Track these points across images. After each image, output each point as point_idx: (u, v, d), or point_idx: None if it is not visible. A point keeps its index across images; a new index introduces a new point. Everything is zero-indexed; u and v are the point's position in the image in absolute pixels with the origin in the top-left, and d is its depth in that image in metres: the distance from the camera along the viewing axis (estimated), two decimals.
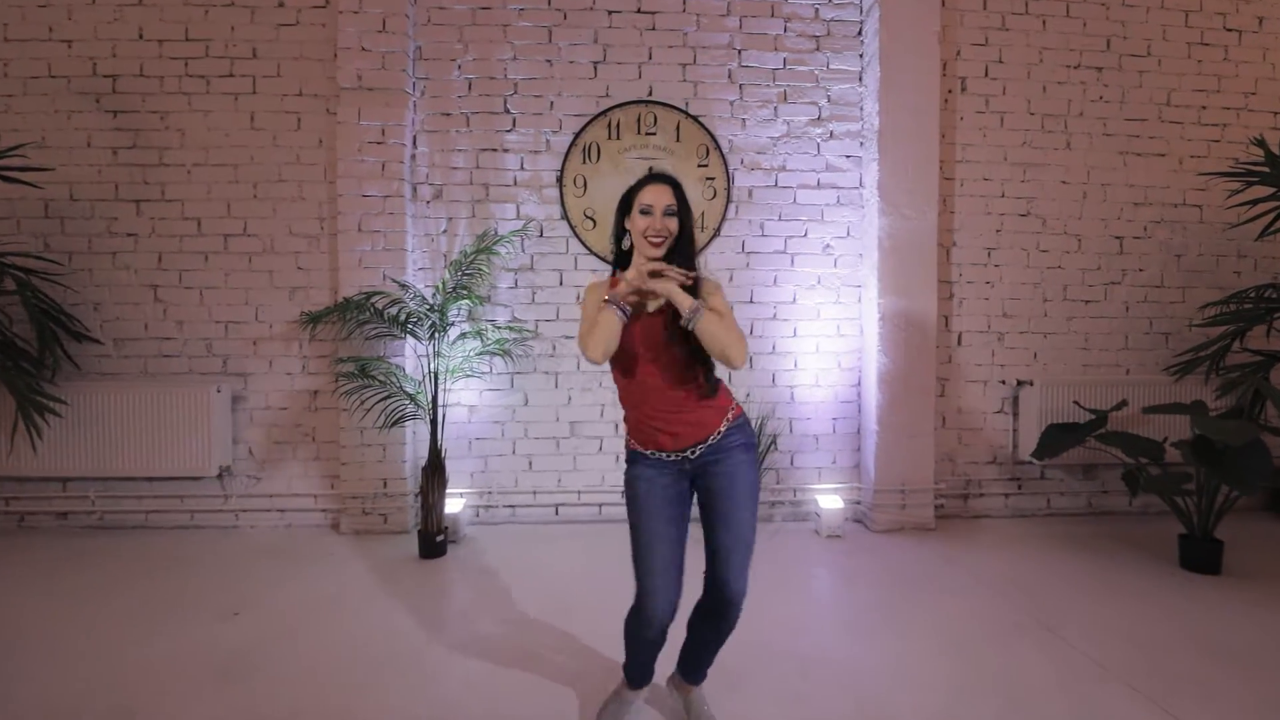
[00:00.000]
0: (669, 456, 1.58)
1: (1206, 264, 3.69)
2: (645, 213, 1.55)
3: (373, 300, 3.03)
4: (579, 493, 3.45)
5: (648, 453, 1.60)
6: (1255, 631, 2.27)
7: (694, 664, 1.72)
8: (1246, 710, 1.81)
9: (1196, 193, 3.66)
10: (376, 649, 2.15)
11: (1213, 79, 3.67)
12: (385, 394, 2.99)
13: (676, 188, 1.58)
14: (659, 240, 1.55)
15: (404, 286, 3.13)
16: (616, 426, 3.45)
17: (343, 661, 2.07)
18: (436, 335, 3.03)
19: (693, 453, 1.57)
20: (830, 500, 3.29)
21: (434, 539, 2.92)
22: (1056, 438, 3.08)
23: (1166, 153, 3.65)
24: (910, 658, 2.10)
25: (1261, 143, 2.97)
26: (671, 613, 1.54)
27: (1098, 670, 2.02)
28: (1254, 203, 3.07)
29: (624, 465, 1.66)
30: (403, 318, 3.00)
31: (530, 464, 3.44)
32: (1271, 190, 3.03)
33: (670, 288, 1.48)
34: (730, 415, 1.62)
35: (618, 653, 2.07)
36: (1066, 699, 1.86)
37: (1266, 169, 2.94)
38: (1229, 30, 3.68)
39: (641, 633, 1.58)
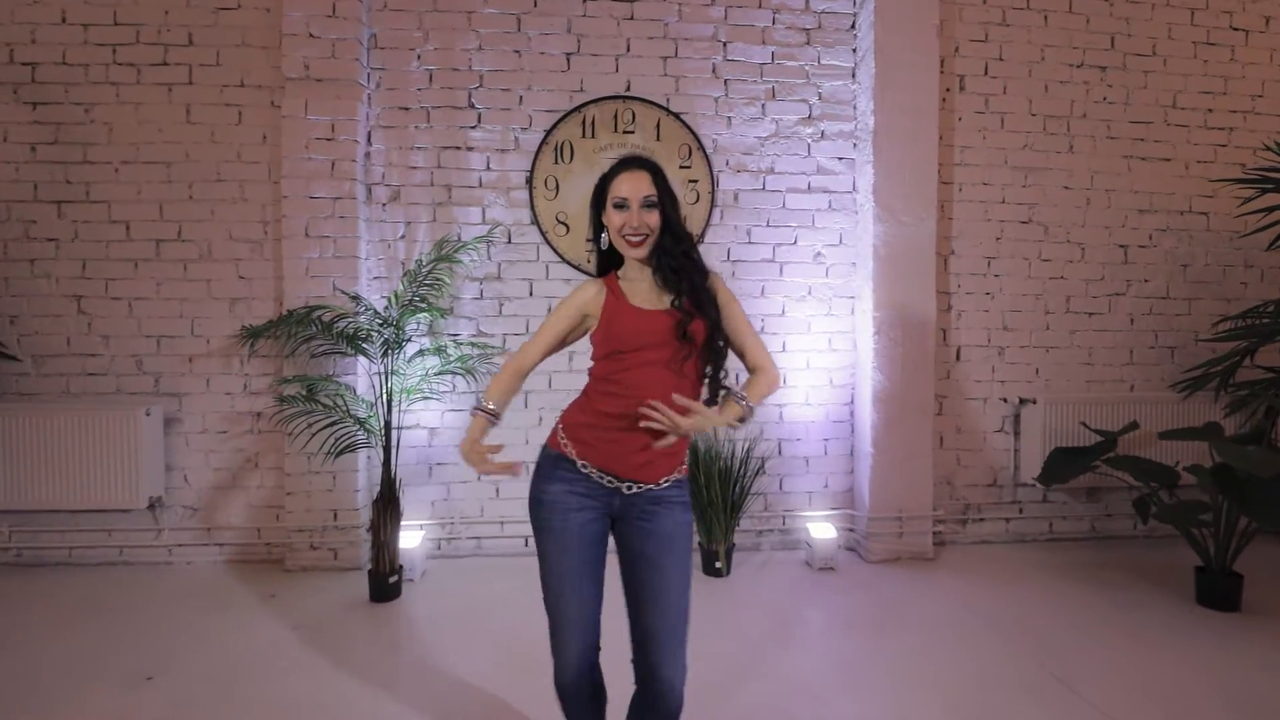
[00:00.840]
0: (607, 480, 1.31)
1: (1213, 274, 3.51)
2: (620, 207, 1.34)
3: (317, 314, 2.73)
4: None
5: (579, 464, 1.32)
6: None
7: None
8: None
9: (1203, 199, 3.48)
10: (311, 716, 1.86)
11: (1219, 80, 3.49)
12: (331, 420, 2.69)
13: (655, 173, 1.37)
14: (638, 239, 1.34)
15: (355, 298, 2.83)
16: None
17: None
18: (391, 352, 2.74)
19: (629, 488, 1.32)
20: (822, 529, 3.05)
21: (386, 580, 2.63)
22: (1063, 462, 2.87)
23: (1172, 157, 3.46)
24: (912, 717, 1.87)
25: (1277, 148, 2.79)
26: (589, 658, 1.34)
27: None
28: (1267, 210, 2.89)
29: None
30: (351, 333, 2.70)
31: (497, 491, 3.16)
32: None
33: (705, 423, 1.28)
34: (682, 465, 1.38)
35: None
36: None
37: None
38: (1235, 30, 3.51)
39: (559, 681, 1.35)
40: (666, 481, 1.35)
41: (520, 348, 1.46)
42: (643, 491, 1.33)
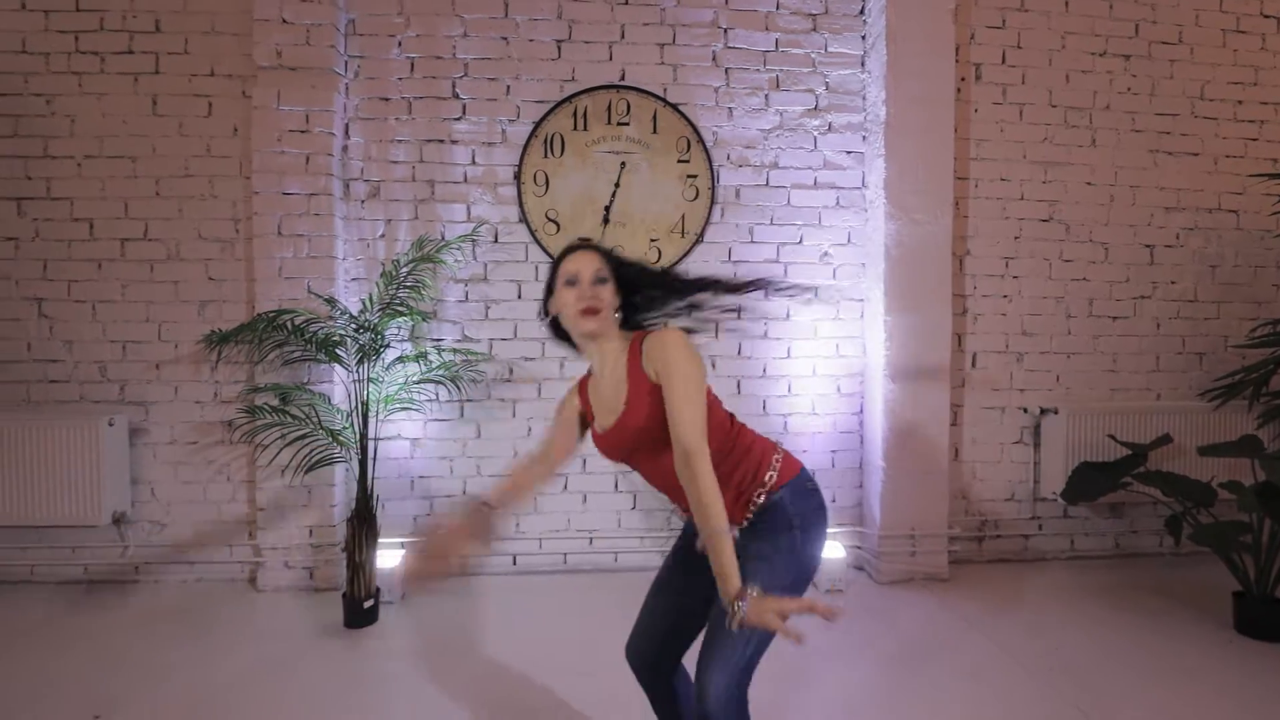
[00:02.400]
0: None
1: (1244, 276, 3.31)
2: (571, 283, 1.30)
3: (287, 319, 2.54)
4: (540, 539, 2.99)
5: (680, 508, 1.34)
6: None
7: None
8: None
9: (1233, 196, 3.28)
10: None
11: (1250, 70, 3.29)
12: (302, 432, 2.51)
13: (605, 254, 1.36)
14: (590, 309, 1.27)
15: (329, 301, 2.65)
16: (584, 461, 2.99)
17: None
18: (368, 359, 2.55)
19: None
20: (829, 548, 2.85)
21: (361, 605, 2.45)
22: (1089, 478, 2.68)
23: (1200, 152, 3.27)
24: None
25: None
26: (639, 663, 1.41)
27: None
28: None
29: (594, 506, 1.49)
30: (324, 338, 2.52)
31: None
32: None
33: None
34: (760, 494, 1.25)
35: None
36: None
37: None
38: (1266, 17, 3.31)
39: None
40: (743, 523, 1.27)
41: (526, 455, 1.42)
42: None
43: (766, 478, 1.26)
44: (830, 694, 2.07)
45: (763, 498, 1.25)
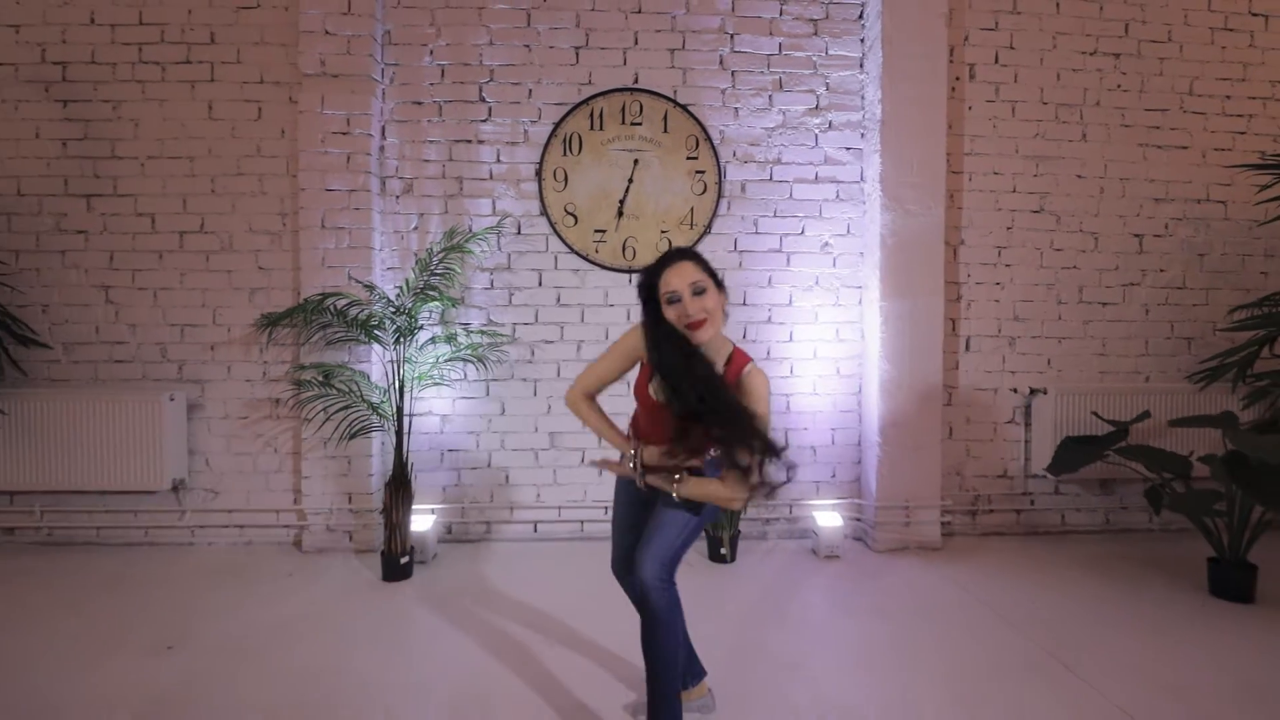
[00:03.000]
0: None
1: (1231, 264, 3.45)
2: (673, 301, 1.49)
3: (331, 302, 2.81)
4: (559, 509, 3.22)
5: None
6: None
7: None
8: None
9: (1221, 188, 3.42)
10: (326, 687, 1.93)
11: (1238, 66, 3.43)
12: (345, 404, 2.77)
13: (695, 259, 1.53)
14: (698, 323, 1.47)
15: (369, 287, 2.91)
16: (600, 441, 3.21)
17: (285, 701, 1.85)
18: (403, 339, 2.81)
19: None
20: (829, 517, 3.06)
21: (398, 561, 2.70)
22: (1073, 452, 2.85)
23: (1189, 145, 3.41)
24: (915, 701, 1.87)
25: None
26: (620, 572, 1.76)
27: (1122, 718, 1.79)
28: None
29: (609, 478, 1.77)
30: (366, 320, 2.78)
31: (507, 478, 3.21)
32: None
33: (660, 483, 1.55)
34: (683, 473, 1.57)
35: (587, 693, 1.87)
36: None
37: None
38: (1255, 15, 3.45)
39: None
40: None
41: (577, 379, 1.69)
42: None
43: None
44: (823, 638, 2.27)
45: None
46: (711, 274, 1.52)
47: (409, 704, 1.86)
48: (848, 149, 3.28)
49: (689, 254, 1.53)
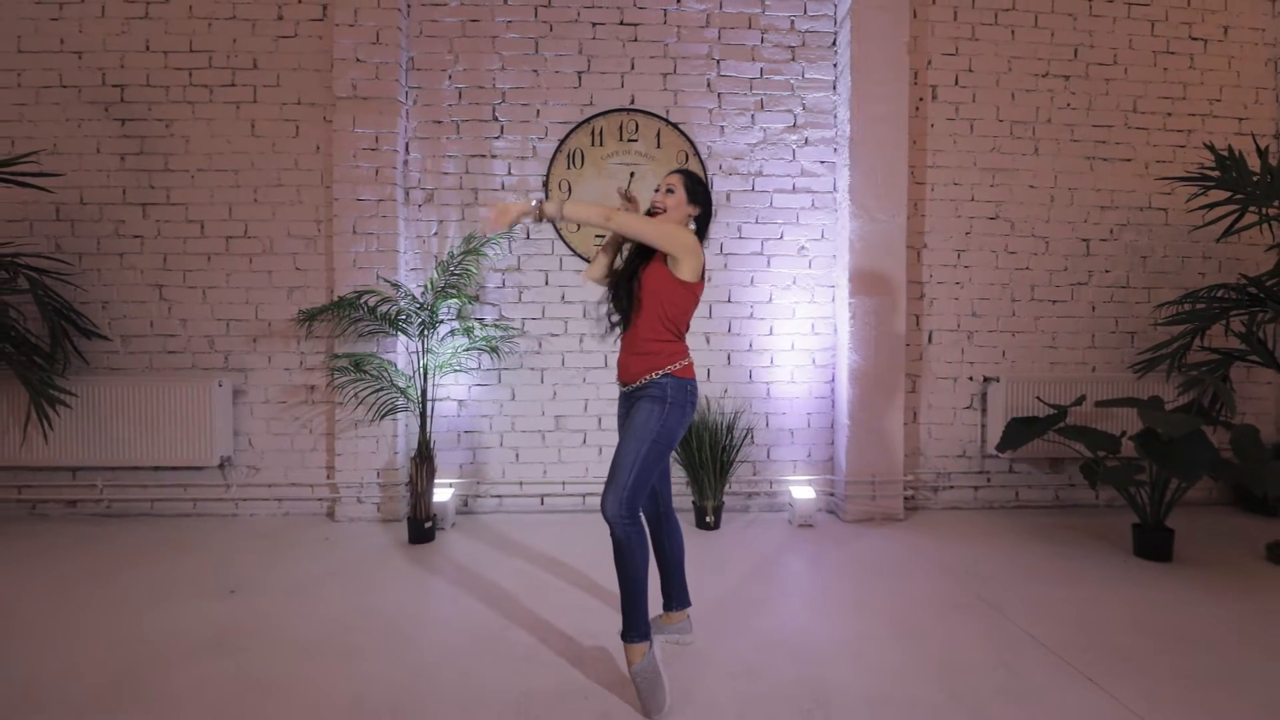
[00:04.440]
0: (621, 386, 1.98)
1: (1172, 265, 3.82)
2: (655, 190, 2.00)
3: (365, 299, 3.19)
4: (563, 484, 3.60)
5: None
6: (1190, 612, 2.40)
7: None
8: (1167, 681, 1.94)
9: (1162, 196, 3.78)
10: (361, 621, 2.30)
11: (1178, 86, 3.79)
12: (377, 388, 3.15)
13: (685, 174, 1.98)
14: (657, 210, 1.94)
15: (396, 286, 3.29)
16: (600, 420, 3.60)
17: (328, 634, 2.22)
18: (426, 332, 3.19)
19: (625, 387, 1.96)
20: (804, 492, 3.43)
21: (422, 525, 3.08)
22: (1019, 431, 3.21)
23: (1133, 158, 3.78)
24: (860, 635, 2.24)
25: (1212, 148, 3.10)
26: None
27: (1035, 645, 2.16)
28: (1212, 206, 3.19)
29: (607, 458, 2.00)
30: (394, 315, 3.16)
31: (517, 456, 3.59)
32: (1228, 194, 3.15)
33: (507, 217, 1.83)
34: (657, 373, 1.86)
35: (582, 630, 2.24)
36: (1000, 672, 2.00)
37: (1219, 173, 3.07)
38: (1194, 39, 3.81)
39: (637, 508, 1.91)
40: (640, 382, 1.88)
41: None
42: (631, 390, 1.93)
43: (667, 367, 1.88)
44: (797, 592, 2.64)
45: (656, 375, 1.87)
46: (689, 189, 1.94)
47: (428, 633, 2.23)
48: (822, 163, 3.66)
49: (682, 171, 1.99)
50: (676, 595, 2.11)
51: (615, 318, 2.00)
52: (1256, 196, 2.95)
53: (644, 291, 1.88)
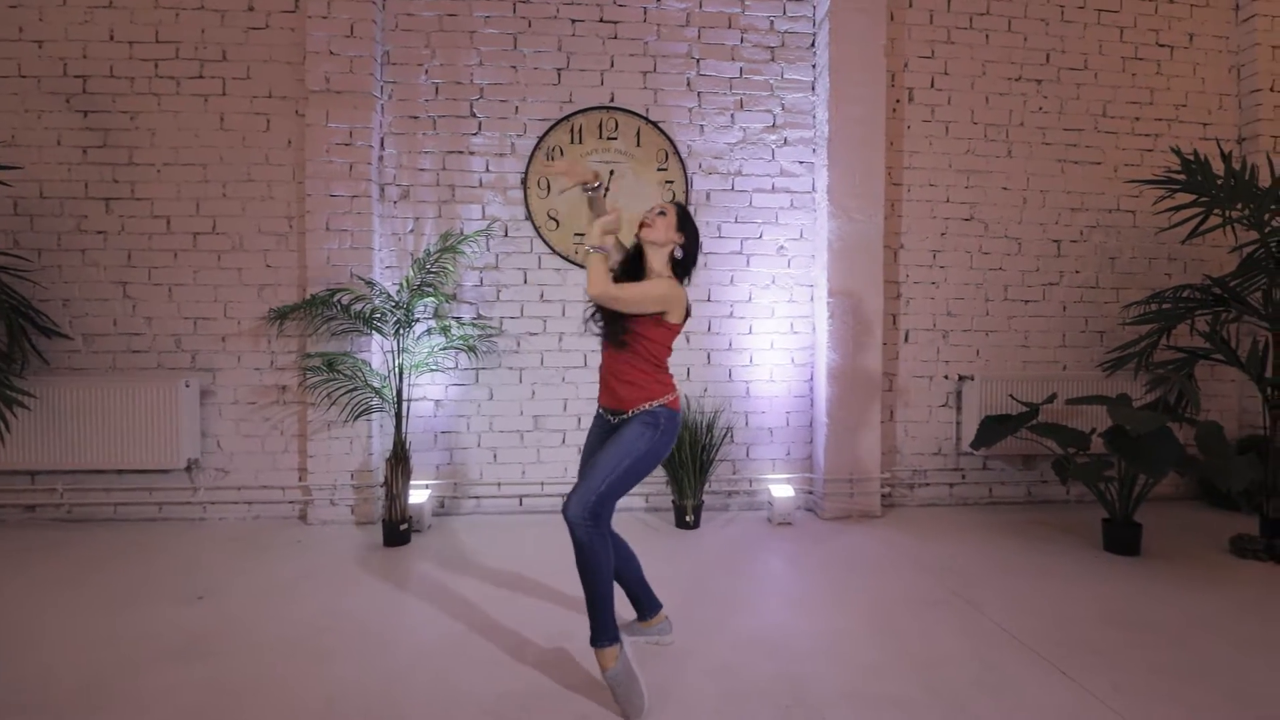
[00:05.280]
0: (602, 412, 1.98)
1: (1140, 266, 3.91)
2: (648, 211, 1.99)
3: (339, 297, 3.13)
4: (542, 484, 3.57)
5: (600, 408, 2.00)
6: (1158, 605, 2.45)
7: None
8: (1139, 673, 1.98)
9: (1130, 199, 3.87)
10: (333, 624, 2.25)
11: (1146, 91, 3.89)
12: (351, 388, 3.09)
13: (678, 209, 1.97)
14: (647, 225, 1.93)
15: (370, 284, 3.23)
16: (579, 420, 3.57)
17: (300, 637, 2.16)
18: (402, 331, 3.14)
19: (613, 417, 1.93)
20: (782, 489, 3.44)
21: (398, 527, 3.02)
22: (992, 429, 3.26)
23: (1102, 161, 3.86)
24: (838, 632, 2.25)
25: (1179, 152, 3.18)
26: None
27: (1009, 640, 2.19)
28: (1178, 208, 3.26)
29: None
30: (368, 314, 3.10)
31: (495, 456, 3.55)
32: (1194, 197, 3.23)
33: (577, 170, 1.90)
34: (653, 403, 1.86)
35: (560, 633, 2.22)
36: (975, 666, 2.02)
37: (1185, 177, 3.15)
38: (1161, 46, 3.91)
39: (607, 525, 1.90)
40: (630, 413, 1.87)
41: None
42: (618, 420, 1.92)
43: (662, 397, 1.89)
44: (775, 589, 2.65)
45: (652, 405, 1.87)
46: (680, 218, 1.95)
47: (402, 636, 2.19)
48: (801, 163, 3.68)
49: (678, 205, 2.00)
50: (646, 603, 2.09)
51: (600, 327, 1.97)
52: (1221, 199, 3.03)
53: (630, 336, 1.88)
